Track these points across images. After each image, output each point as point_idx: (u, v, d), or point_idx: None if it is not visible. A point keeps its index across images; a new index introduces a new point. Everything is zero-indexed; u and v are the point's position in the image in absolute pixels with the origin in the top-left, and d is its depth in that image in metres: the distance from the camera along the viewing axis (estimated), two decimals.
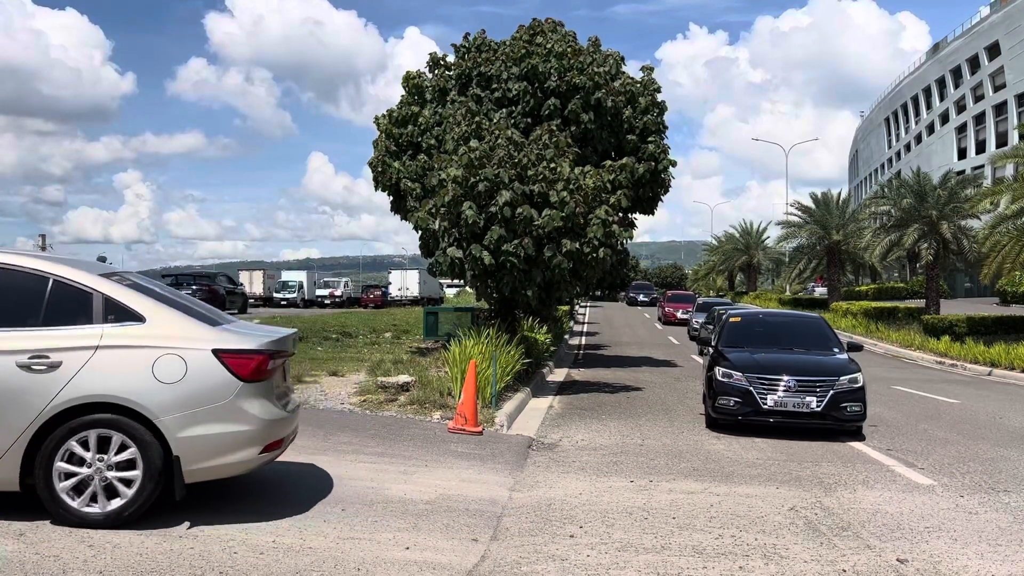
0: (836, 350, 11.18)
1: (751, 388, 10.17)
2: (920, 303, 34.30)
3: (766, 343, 11.37)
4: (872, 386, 16.61)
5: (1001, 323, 25.23)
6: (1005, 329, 24.70)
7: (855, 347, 11.65)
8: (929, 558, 5.40)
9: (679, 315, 37.02)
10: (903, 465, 8.56)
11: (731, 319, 12.18)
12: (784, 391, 10.05)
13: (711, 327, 18.70)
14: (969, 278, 51.68)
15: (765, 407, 10.03)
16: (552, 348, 19.54)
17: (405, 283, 57.59)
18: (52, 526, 5.14)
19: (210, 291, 29.02)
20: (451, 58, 20.58)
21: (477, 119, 16.75)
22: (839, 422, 10.05)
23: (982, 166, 52.77)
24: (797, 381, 10.08)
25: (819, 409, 9.92)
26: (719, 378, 10.51)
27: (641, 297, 60.44)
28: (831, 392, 9.98)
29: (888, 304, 35.77)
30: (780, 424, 10.11)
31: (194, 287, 28.78)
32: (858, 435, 10.24)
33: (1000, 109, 56.65)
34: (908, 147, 71.79)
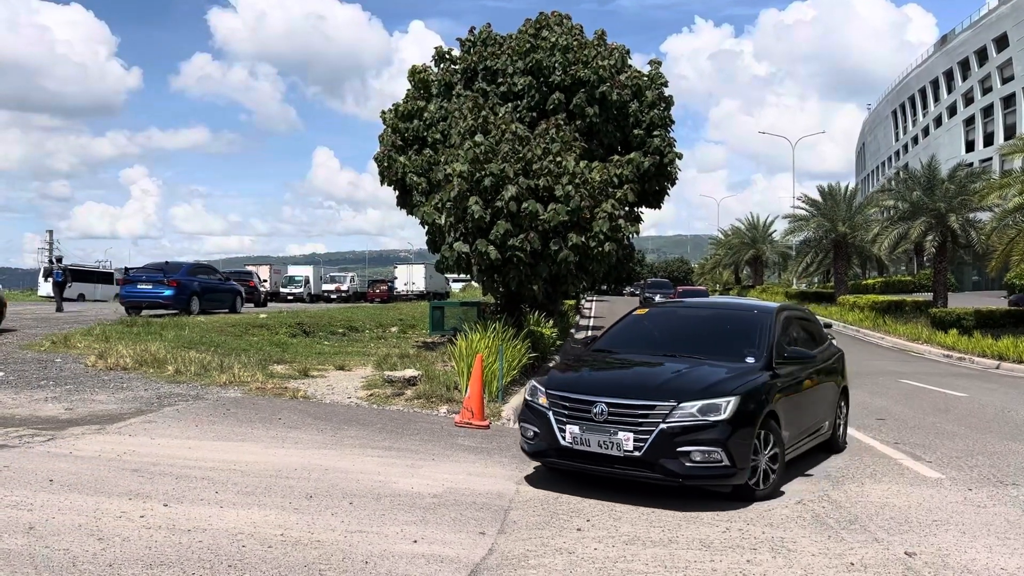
0: (752, 359, 7.29)
1: (550, 414, 6.72)
2: (927, 296, 34.18)
3: (654, 346, 7.90)
4: (880, 379, 16.61)
5: (1009, 316, 25.13)
6: (1014, 322, 24.60)
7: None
8: (937, 551, 5.39)
9: None
10: (911, 458, 8.54)
11: (636, 311, 9.00)
12: (587, 423, 6.49)
13: None
14: (977, 271, 51.45)
15: (563, 444, 6.57)
16: (559, 342, 19.53)
17: (411, 278, 57.61)
18: (60, 520, 5.17)
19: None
20: (456, 52, 20.55)
21: (483, 113, 16.73)
22: (672, 476, 6.25)
23: (990, 159, 52.60)
24: (610, 407, 6.44)
25: (637, 453, 6.28)
26: (526, 395, 7.37)
27: (658, 298, 51.00)
28: (660, 427, 6.27)
29: (895, 297, 35.64)
30: (586, 471, 6.69)
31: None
32: (736, 496, 6.62)
33: (1008, 101, 56.34)
34: (915, 140, 71.47)
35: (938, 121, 66.75)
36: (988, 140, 58.48)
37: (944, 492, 7.08)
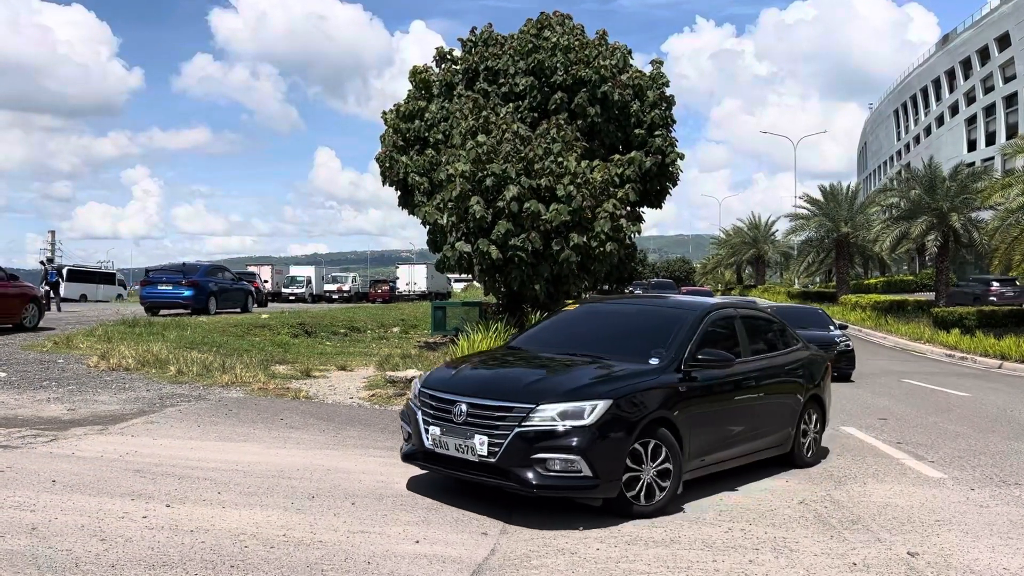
0: (656, 360, 6.53)
1: (419, 414, 6.33)
2: (929, 296, 34.17)
3: (568, 344, 7.24)
4: (882, 379, 16.61)
5: (1011, 316, 25.10)
6: (1015, 322, 24.57)
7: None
8: (940, 551, 5.39)
9: None
10: (913, 458, 8.53)
11: (565, 306, 8.72)
12: (447, 424, 6.08)
13: None
14: (979, 270, 51.42)
15: (426, 446, 6.16)
16: None
17: (413, 278, 57.63)
18: (63, 520, 5.17)
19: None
20: (458, 52, 20.56)
21: (484, 113, 16.74)
22: (526, 486, 5.69)
23: (992, 158, 52.53)
24: (470, 408, 6.00)
25: (491, 459, 5.77)
26: (409, 392, 7.24)
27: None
28: (515, 431, 5.73)
29: (897, 297, 35.63)
30: (450, 476, 6.31)
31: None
32: (610, 511, 5.97)
33: (1010, 100, 56.27)
34: (917, 139, 71.41)
35: (940, 120, 66.69)
36: (990, 139, 58.41)
37: (947, 492, 7.08)
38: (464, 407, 6.00)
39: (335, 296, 52.54)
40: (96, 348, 13.60)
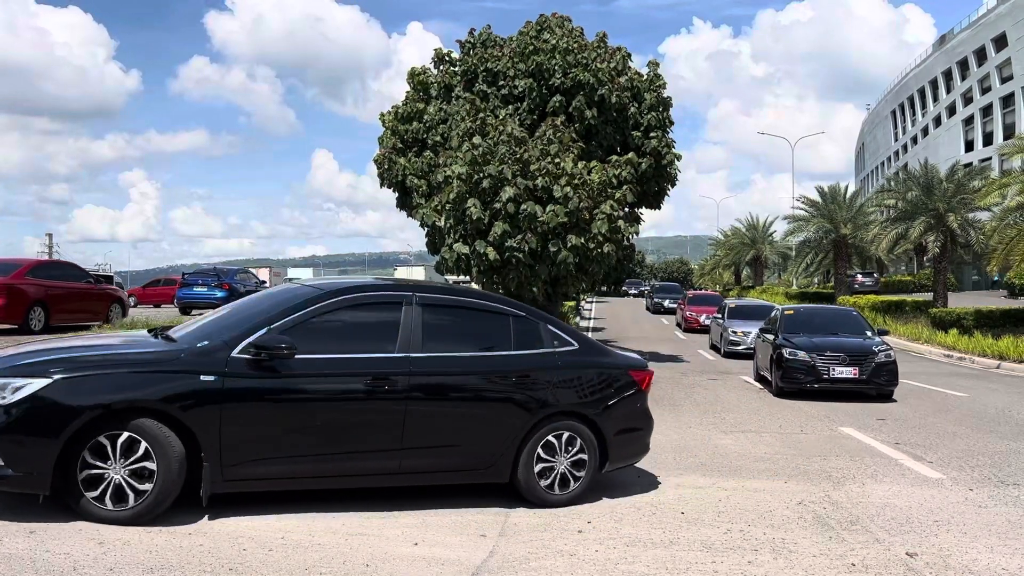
0: (207, 342, 5.68)
1: None
2: (927, 296, 34.19)
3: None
4: None
5: (1009, 316, 25.11)
6: (1014, 322, 24.59)
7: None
8: (939, 552, 5.39)
9: (702, 320, 31.12)
10: (912, 459, 8.54)
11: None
12: None
13: (771, 337, 14.60)
14: (977, 271, 51.46)
15: None
16: None
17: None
18: (62, 524, 5.16)
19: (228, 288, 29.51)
20: (456, 54, 20.57)
21: (480, 115, 16.75)
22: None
23: (989, 158, 52.60)
24: None
25: None
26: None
27: (668, 303, 43.86)
28: None
29: (895, 297, 35.66)
30: None
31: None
32: None
33: (1008, 101, 56.35)
34: (915, 140, 71.50)
35: (937, 121, 66.77)
36: (987, 140, 58.48)
37: (945, 492, 7.08)
38: None
39: None
40: None
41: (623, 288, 63.06)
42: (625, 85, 18.89)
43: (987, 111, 59.10)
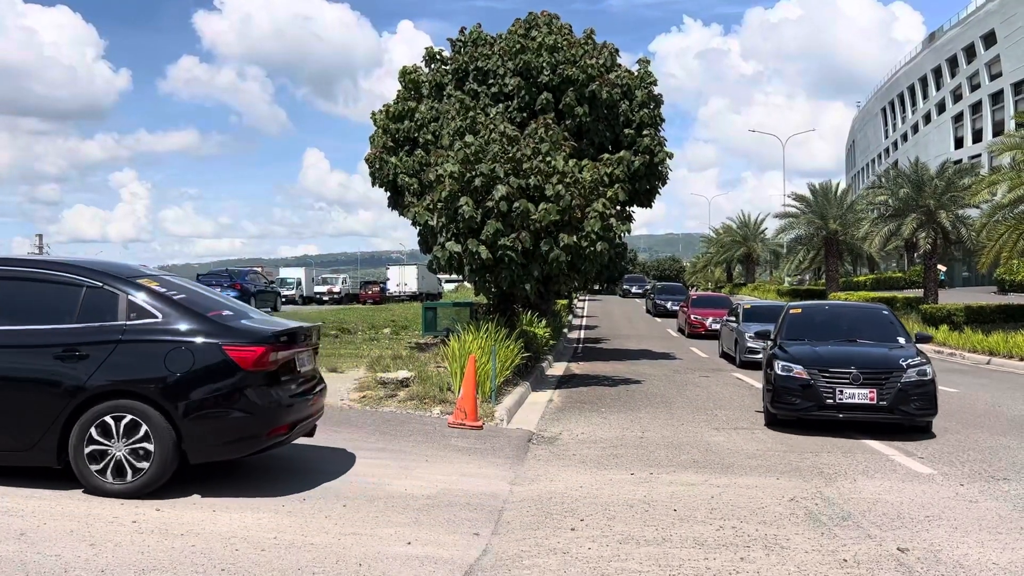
0: None
1: None
2: (918, 293, 34.33)
3: None
4: None
5: (999, 311, 25.25)
6: (1003, 318, 24.72)
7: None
8: (930, 547, 5.41)
9: (709, 324, 27.92)
10: (903, 454, 8.57)
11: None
12: None
13: (768, 343, 11.75)
14: (967, 267, 51.69)
15: None
16: (551, 342, 19.54)
17: (403, 279, 57.50)
18: (52, 526, 5.14)
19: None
20: (447, 53, 20.54)
21: (471, 114, 16.72)
22: None
23: (979, 155, 52.83)
24: None
25: None
26: None
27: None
28: None
29: (887, 294, 35.81)
30: None
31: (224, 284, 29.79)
32: None
33: (997, 98, 56.60)
34: (905, 137, 71.76)
35: (927, 118, 67.01)
36: (977, 137, 58.73)
37: (936, 488, 7.11)
38: None
39: (325, 298, 52.39)
40: None
41: (624, 287, 63.71)
42: (615, 81, 18.88)
43: (976, 108, 59.34)
